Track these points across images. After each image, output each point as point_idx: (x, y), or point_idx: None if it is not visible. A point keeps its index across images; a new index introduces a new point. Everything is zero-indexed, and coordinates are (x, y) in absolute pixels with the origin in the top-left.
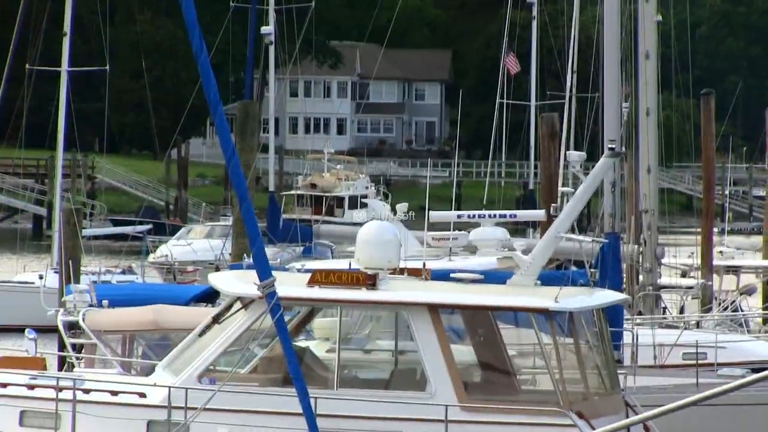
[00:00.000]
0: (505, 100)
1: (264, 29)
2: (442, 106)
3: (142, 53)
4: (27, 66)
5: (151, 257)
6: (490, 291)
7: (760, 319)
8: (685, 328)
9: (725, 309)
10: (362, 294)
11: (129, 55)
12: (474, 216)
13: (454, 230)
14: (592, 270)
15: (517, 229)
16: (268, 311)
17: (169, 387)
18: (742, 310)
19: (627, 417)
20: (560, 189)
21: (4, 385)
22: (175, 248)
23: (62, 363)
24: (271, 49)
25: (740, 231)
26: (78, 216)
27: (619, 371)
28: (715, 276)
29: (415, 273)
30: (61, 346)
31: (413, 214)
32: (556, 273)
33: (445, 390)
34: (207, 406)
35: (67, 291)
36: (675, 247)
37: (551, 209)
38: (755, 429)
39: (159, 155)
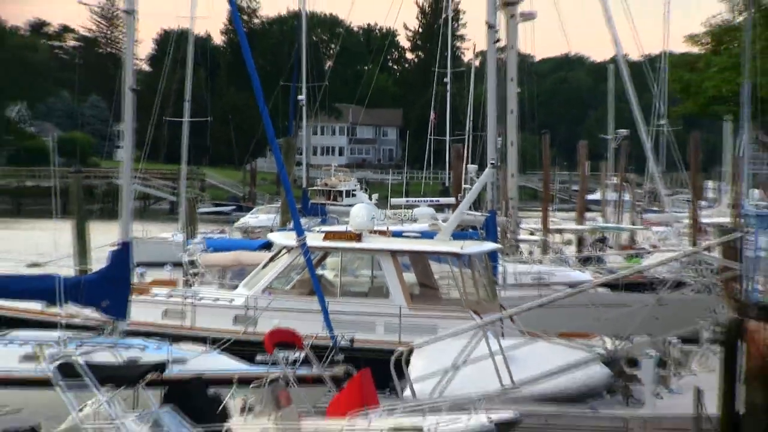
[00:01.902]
0: (432, 137)
1: (299, 97)
2: (397, 140)
3: (229, 110)
4: (164, 118)
5: (235, 224)
6: (425, 243)
7: (575, 258)
8: (533, 263)
9: (555, 252)
10: (353, 245)
11: (221, 111)
12: (416, 201)
13: (404, 209)
14: (481, 231)
15: (439, 208)
16: (302, 254)
17: (246, 296)
18: (564, 253)
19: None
20: (463, 186)
21: (154, 295)
22: (249, 219)
23: (186, 283)
24: (304, 108)
25: (563, 210)
26: (193, 201)
27: (496, 288)
28: (549, 234)
29: (382, 233)
30: (185, 274)
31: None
32: (461, 233)
33: (400, 298)
34: (267, 308)
35: (188, 243)
36: (527, 218)
37: (458, 197)
38: (572, 321)
39: (239, 167)
